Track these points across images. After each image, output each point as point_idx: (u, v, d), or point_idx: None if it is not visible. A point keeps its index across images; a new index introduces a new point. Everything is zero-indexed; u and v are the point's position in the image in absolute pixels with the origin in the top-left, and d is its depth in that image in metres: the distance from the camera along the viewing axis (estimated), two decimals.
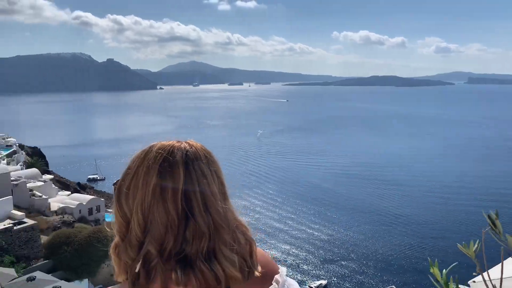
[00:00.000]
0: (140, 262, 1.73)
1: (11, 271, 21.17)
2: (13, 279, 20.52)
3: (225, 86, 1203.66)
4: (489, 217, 1.79)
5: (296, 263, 67.48)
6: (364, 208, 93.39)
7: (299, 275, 63.60)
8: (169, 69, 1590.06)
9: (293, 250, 71.99)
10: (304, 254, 70.66)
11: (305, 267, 66.24)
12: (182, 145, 1.84)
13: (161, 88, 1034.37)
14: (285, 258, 69.03)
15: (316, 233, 79.47)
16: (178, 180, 1.73)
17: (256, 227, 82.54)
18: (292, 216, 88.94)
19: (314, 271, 64.88)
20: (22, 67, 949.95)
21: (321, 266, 66.49)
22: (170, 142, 1.87)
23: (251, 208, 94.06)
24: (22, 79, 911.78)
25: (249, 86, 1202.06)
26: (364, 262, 67.59)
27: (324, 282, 61.13)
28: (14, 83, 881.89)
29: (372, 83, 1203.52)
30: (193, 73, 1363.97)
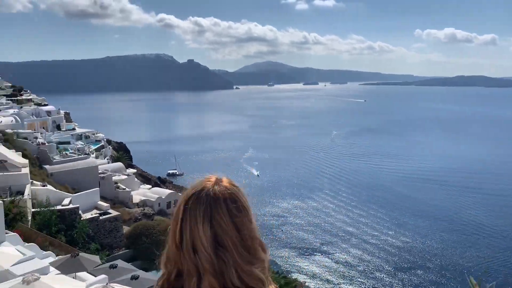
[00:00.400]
0: (165, 275, 1.99)
1: (96, 258, 22.82)
2: (97, 266, 22.05)
3: (300, 85, 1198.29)
4: (470, 281, 1.68)
5: (369, 269, 65.60)
6: (442, 216, 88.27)
7: (372, 281, 61.79)
8: (245, 69, 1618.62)
9: (366, 256, 70.02)
10: (377, 260, 68.45)
11: (377, 273, 64.14)
12: (200, 186, 1.98)
13: (237, 88, 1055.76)
14: (357, 263, 67.42)
15: (390, 239, 76.56)
16: (177, 217, 1.94)
17: (326, 229, 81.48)
18: (365, 220, 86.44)
19: (387, 279, 62.62)
20: (111, 67, 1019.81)
21: (395, 274, 63.97)
22: (203, 180, 2.03)
23: (322, 210, 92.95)
24: (110, 78, 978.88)
25: (325, 85, 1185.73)
26: (442, 272, 63.97)
27: None
28: (103, 82, 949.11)
29: (458, 83, 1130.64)
30: (268, 73, 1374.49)
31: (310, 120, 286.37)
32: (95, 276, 19.99)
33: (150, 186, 72.34)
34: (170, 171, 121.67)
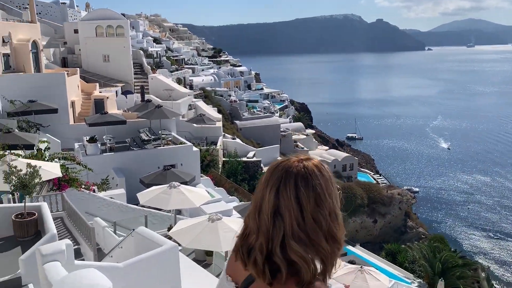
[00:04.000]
0: (242, 229, 2.21)
1: None
2: None
3: (508, 46, 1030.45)
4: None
5: None
6: None
7: None
8: (441, 29, 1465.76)
9: None
10: None
11: None
12: (285, 160, 2.14)
13: (429, 49, 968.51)
14: None
15: None
16: (260, 182, 2.17)
17: None
18: None
19: None
20: (299, 29, 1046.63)
21: None
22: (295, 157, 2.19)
23: None
24: (299, 40, 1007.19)
25: None
26: None
27: None
28: (291, 44, 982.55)
29: None
30: (468, 32, 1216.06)
31: None
32: None
33: (327, 148, 73.42)
34: (349, 135, 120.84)
